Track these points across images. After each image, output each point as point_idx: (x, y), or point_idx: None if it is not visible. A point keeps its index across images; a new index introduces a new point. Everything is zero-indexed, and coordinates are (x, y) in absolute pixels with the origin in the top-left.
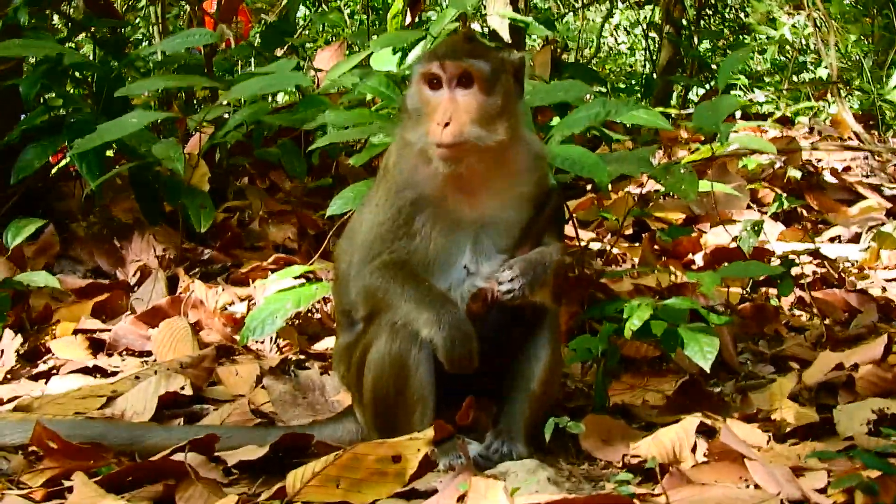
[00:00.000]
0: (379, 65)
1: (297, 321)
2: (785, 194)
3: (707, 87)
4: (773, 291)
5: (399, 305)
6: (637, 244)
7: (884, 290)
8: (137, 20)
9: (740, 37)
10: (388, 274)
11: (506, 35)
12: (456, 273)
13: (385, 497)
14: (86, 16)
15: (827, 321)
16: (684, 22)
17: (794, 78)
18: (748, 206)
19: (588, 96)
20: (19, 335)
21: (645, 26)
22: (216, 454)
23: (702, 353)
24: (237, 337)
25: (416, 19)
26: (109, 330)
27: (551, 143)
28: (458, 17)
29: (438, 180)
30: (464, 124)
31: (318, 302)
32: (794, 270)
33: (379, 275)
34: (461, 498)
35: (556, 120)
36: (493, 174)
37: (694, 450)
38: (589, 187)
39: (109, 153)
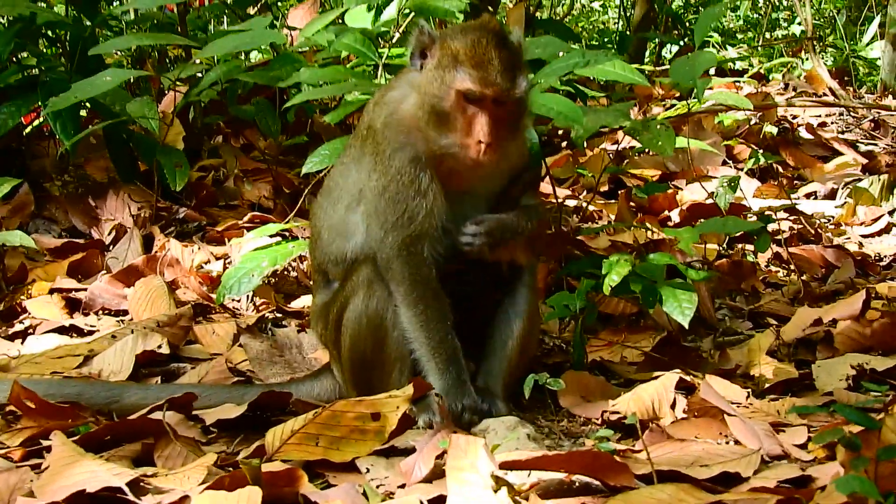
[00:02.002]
0: (354, 22)
1: (274, 279)
2: (761, 150)
3: (681, 44)
4: (749, 247)
5: (421, 333)
6: (613, 201)
7: (860, 245)
8: None
9: None
10: (421, 283)
11: None
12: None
13: (364, 454)
14: None
15: (804, 277)
16: None
17: (767, 35)
18: (724, 163)
19: (562, 53)
20: None
21: None
22: (194, 413)
23: (680, 309)
24: (213, 295)
25: None
26: (85, 289)
27: (532, 93)
28: None
29: (434, 149)
30: (501, 140)
31: (295, 260)
32: (771, 226)
33: (411, 267)
34: (441, 455)
35: (531, 77)
36: None
37: (673, 406)
38: (565, 144)
39: (84, 112)
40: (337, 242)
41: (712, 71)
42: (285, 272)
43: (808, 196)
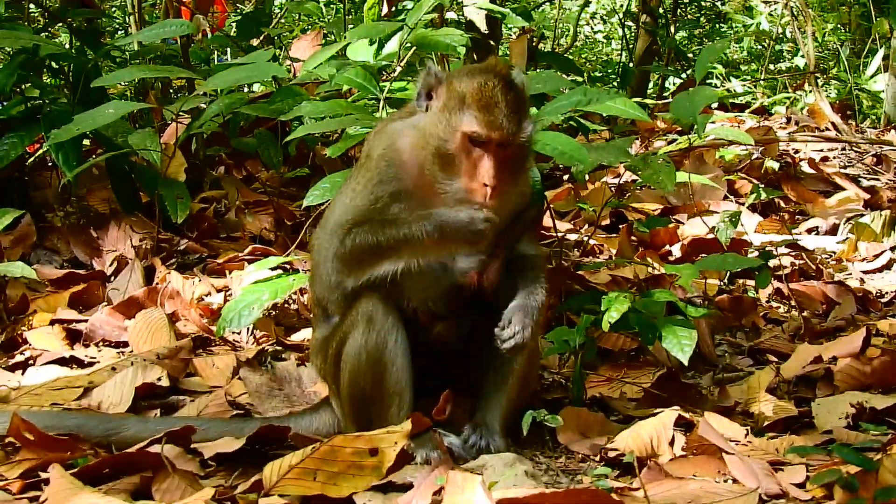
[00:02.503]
0: (355, 55)
1: (274, 312)
2: (762, 185)
3: (684, 76)
4: (750, 283)
5: (387, 249)
6: (614, 235)
7: (862, 281)
8: (114, 10)
9: (717, 26)
10: (366, 231)
11: (482, 25)
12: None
13: (362, 490)
14: (62, 6)
15: (805, 313)
16: (661, 11)
17: (771, 67)
18: (725, 197)
19: (565, 89)
20: None
21: (621, 15)
22: (193, 446)
23: (679, 345)
24: (214, 328)
25: (393, 9)
26: (86, 320)
27: (536, 134)
28: (435, 7)
29: (427, 186)
30: (505, 183)
31: (295, 293)
32: (772, 262)
33: (355, 236)
34: (438, 491)
35: (533, 111)
36: None
37: (672, 443)
38: (566, 178)
39: (86, 144)
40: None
41: (715, 105)
42: (286, 305)
43: (809, 231)
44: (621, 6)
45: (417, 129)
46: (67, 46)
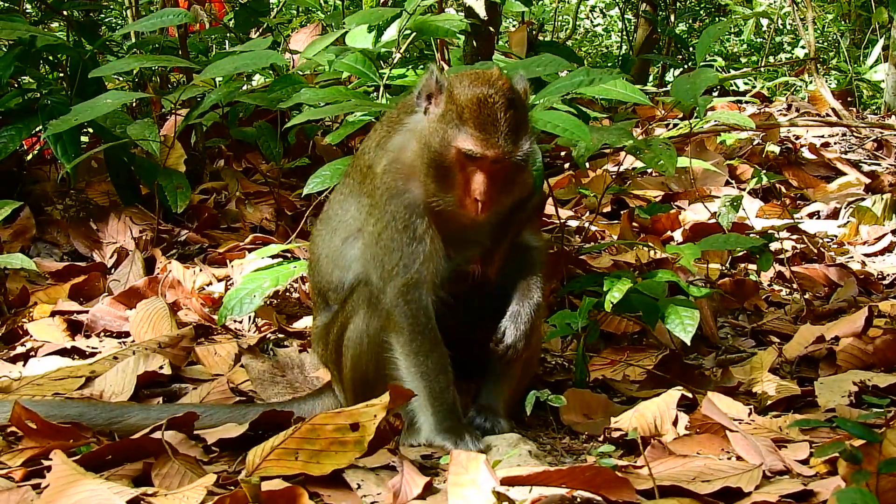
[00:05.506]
0: (354, 43)
1: (275, 300)
2: (764, 170)
3: (684, 67)
4: (752, 267)
5: (420, 383)
6: (616, 222)
7: (863, 264)
8: (110, 2)
9: (717, 17)
10: (420, 333)
11: (481, 11)
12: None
13: (345, 465)
14: None
15: (807, 296)
16: (660, 1)
17: (771, 59)
18: (727, 183)
19: (564, 73)
20: None
21: (621, 5)
22: (196, 432)
23: (682, 326)
24: (215, 317)
25: None
26: (87, 312)
27: (535, 111)
28: None
29: (430, 199)
30: (498, 198)
31: (296, 281)
32: (774, 246)
33: (409, 317)
34: (433, 471)
35: (532, 98)
36: None
37: (675, 423)
38: (567, 165)
39: (85, 137)
40: (335, 273)
41: (716, 93)
42: (287, 293)
43: (810, 216)
44: None
45: (416, 139)
46: (65, 38)
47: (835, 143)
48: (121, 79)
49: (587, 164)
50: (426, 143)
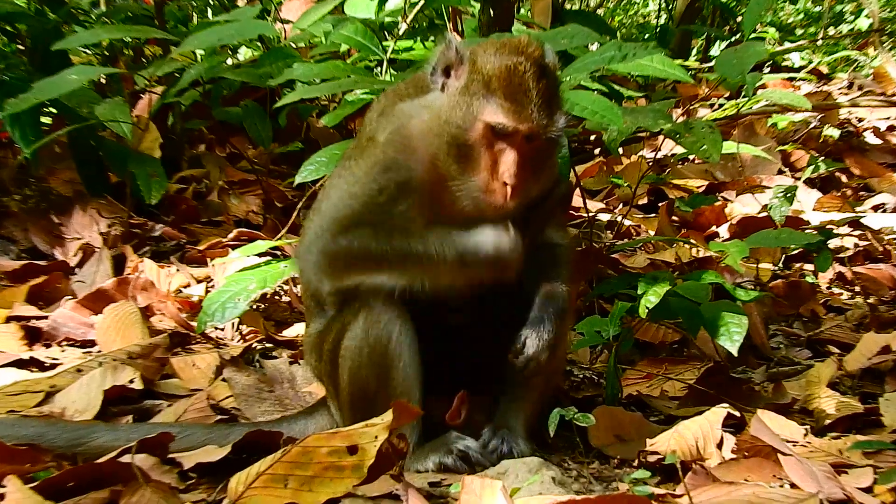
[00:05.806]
0: (355, 11)
1: (263, 304)
2: (821, 157)
3: (731, 39)
4: (808, 267)
5: (390, 262)
6: (653, 215)
7: None
8: None
9: None
10: (367, 234)
11: None
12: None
13: (341, 493)
14: None
15: (871, 300)
16: None
17: (830, 30)
18: (779, 171)
19: (593, 45)
20: None
21: None
22: (170, 456)
23: (729, 335)
24: (194, 323)
25: None
26: (47, 317)
27: (561, 89)
28: None
29: (439, 180)
30: (526, 183)
31: (287, 282)
32: (833, 243)
33: (352, 237)
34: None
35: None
36: None
37: (720, 445)
38: (598, 151)
39: (47, 119)
40: None
41: (767, 69)
42: (276, 296)
43: (875, 209)
44: None
45: (431, 112)
46: (25, 6)
47: None
48: (88, 52)
49: (620, 150)
50: (446, 120)
